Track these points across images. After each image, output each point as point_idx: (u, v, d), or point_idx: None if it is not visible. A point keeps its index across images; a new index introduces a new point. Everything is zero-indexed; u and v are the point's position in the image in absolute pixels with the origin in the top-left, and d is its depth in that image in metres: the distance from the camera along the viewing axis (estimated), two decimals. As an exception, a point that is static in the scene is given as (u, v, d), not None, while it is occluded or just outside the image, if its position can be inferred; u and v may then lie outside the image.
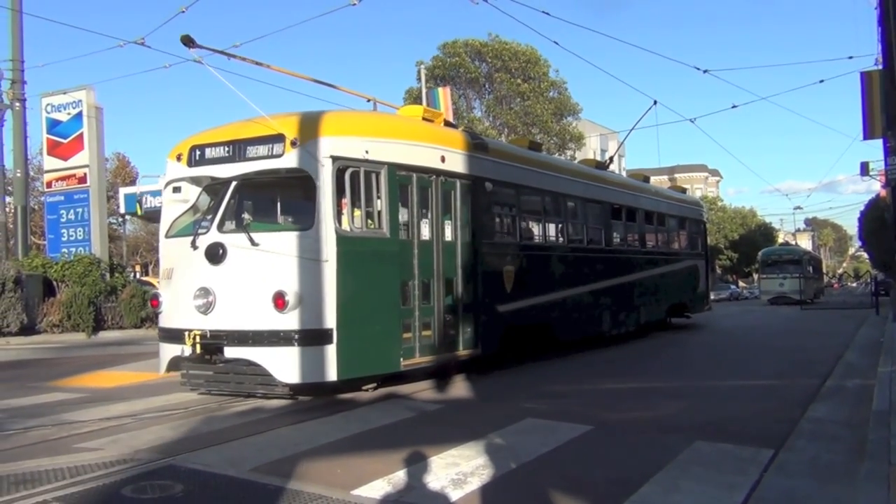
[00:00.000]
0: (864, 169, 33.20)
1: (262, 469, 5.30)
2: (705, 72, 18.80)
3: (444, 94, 26.47)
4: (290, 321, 7.61)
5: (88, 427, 7.02)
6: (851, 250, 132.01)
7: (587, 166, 16.10)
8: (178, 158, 8.80)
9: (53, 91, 23.37)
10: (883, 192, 35.23)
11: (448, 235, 9.70)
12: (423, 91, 29.48)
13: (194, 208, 8.87)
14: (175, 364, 8.33)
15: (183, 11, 12.88)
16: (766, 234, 69.95)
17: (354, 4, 13.29)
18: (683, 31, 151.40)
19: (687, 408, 7.94)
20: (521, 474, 5.21)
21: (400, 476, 5.07)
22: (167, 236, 8.85)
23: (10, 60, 21.40)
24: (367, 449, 5.98)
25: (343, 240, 7.92)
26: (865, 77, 16.59)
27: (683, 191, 22.42)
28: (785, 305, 35.44)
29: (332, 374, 7.76)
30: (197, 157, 8.63)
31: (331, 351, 7.73)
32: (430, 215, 9.42)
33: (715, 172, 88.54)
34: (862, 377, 9.19)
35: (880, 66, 16.31)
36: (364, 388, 8.69)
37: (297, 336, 7.64)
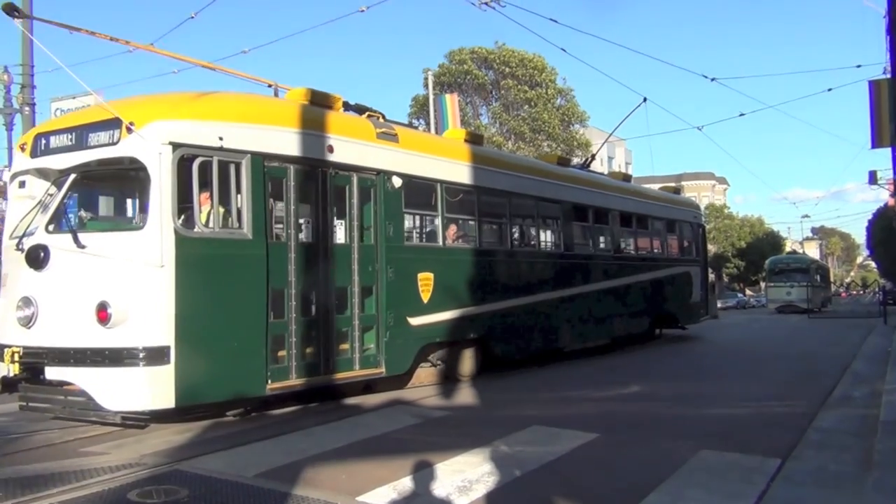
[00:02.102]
0: (873, 178, 33.16)
1: (267, 474, 5.30)
2: (713, 80, 18.71)
3: (451, 101, 26.50)
4: (115, 337, 6.50)
5: (94, 431, 7.04)
6: (859, 259, 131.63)
7: (544, 162, 14.51)
8: (23, 149, 7.70)
9: (63, 96, 23.49)
10: (891, 201, 35.18)
11: (340, 237, 8.64)
12: (430, 98, 29.53)
13: (41, 205, 7.60)
14: (11, 384, 7.07)
15: (192, 17, 13.01)
16: (773, 242, 69.79)
17: (363, 11, 13.40)
18: (690, 39, 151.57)
19: (692, 416, 7.90)
20: (526, 482, 5.20)
21: (405, 483, 5.07)
22: (10, 237, 7.64)
23: (20, 65, 21.54)
24: (372, 455, 5.98)
25: (185, 242, 6.79)
26: (874, 86, 16.51)
27: (677, 191, 20.64)
28: (792, 314, 35.30)
29: (168, 401, 6.56)
30: (42, 147, 7.52)
31: (167, 373, 6.53)
32: (314, 214, 8.25)
33: (722, 180, 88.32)
34: (870, 387, 9.13)
35: (888, 75, 16.27)
36: (228, 413, 7.63)
37: (123, 355, 6.49)
